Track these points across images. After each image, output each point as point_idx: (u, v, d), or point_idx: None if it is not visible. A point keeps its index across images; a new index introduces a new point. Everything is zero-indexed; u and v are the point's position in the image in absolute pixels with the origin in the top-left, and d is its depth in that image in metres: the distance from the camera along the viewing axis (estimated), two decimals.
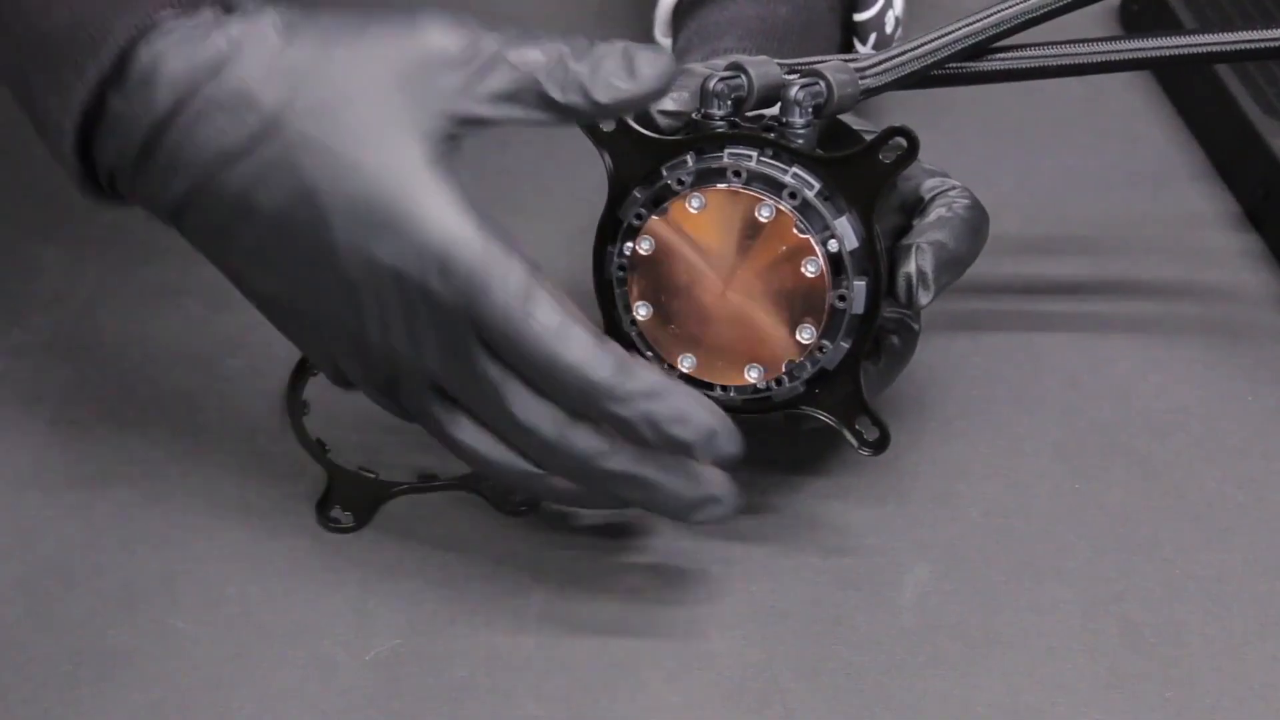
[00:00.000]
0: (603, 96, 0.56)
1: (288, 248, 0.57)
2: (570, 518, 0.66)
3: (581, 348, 0.56)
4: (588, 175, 0.63)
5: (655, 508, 0.59)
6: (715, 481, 0.59)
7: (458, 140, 0.56)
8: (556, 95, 0.56)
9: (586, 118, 0.58)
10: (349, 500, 0.66)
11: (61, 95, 0.56)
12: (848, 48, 0.80)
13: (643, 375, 0.56)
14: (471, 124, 0.56)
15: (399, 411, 0.61)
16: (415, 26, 0.56)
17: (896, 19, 0.81)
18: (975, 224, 0.65)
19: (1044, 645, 0.62)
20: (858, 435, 0.62)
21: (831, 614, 0.63)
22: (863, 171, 0.59)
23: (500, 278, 0.55)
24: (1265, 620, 0.63)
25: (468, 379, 0.57)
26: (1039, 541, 0.66)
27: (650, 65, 0.57)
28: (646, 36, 0.81)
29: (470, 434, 0.59)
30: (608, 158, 0.62)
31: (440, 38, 0.56)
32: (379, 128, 0.55)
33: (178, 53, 0.55)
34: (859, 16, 0.79)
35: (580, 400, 0.57)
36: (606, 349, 0.56)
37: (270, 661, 0.61)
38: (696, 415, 0.57)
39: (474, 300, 0.55)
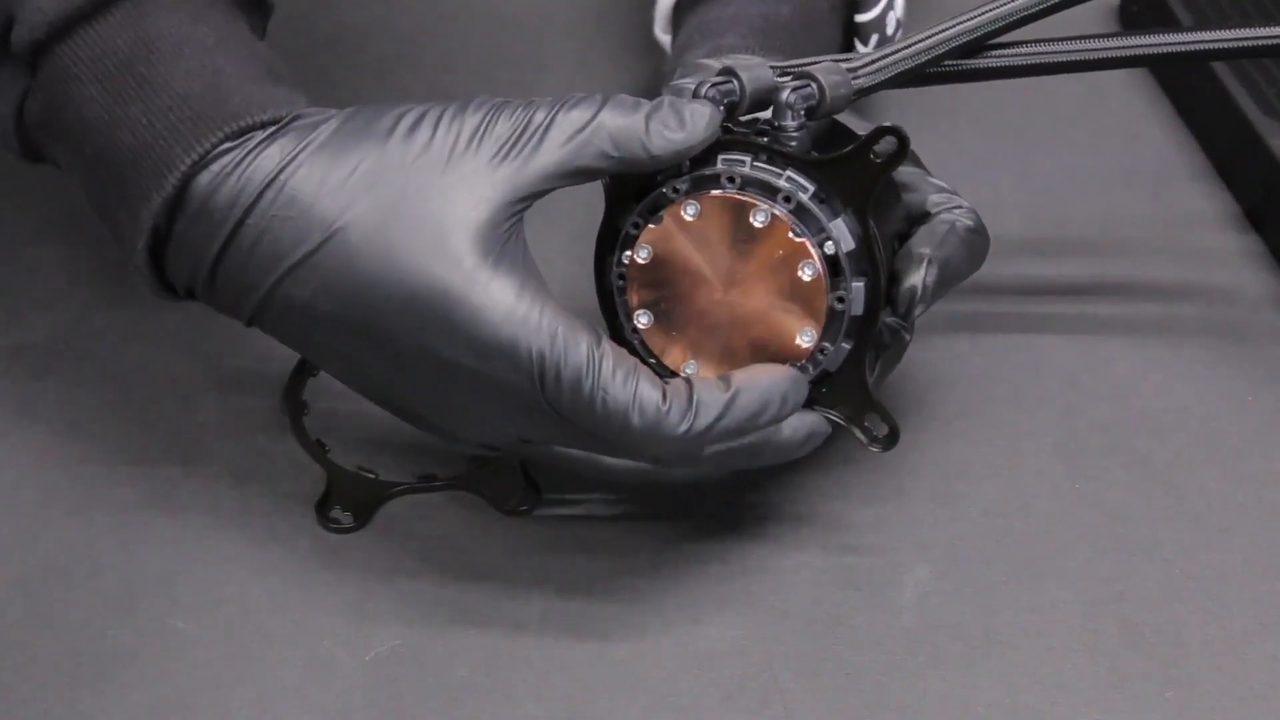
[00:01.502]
0: (657, 149, 0.58)
1: (357, 350, 0.59)
2: (569, 518, 0.66)
3: (646, 412, 0.57)
4: None
5: (766, 461, 0.62)
6: (806, 421, 0.61)
7: (520, 215, 0.58)
8: (612, 151, 0.58)
9: (642, 169, 0.59)
10: (349, 500, 0.66)
11: (131, 216, 0.59)
12: (849, 48, 0.80)
13: (708, 405, 0.58)
14: (533, 198, 0.58)
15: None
16: (464, 115, 0.58)
17: (898, 20, 0.81)
18: (975, 245, 0.65)
19: (1044, 645, 0.62)
20: (867, 432, 0.62)
21: (831, 614, 0.63)
22: (854, 171, 0.59)
23: (554, 360, 0.57)
24: (1265, 620, 0.63)
25: (558, 441, 0.60)
26: (1039, 541, 0.66)
27: (699, 117, 0.59)
28: (646, 34, 0.81)
29: (593, 460, 0.62)
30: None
31: (489, 122, 0.58)
32: (432, 226, 0.57)
33: (234, 176, 0.58)
34: (860, 18, 0.79)
35: (665, 458, 0.60)
36: (671, 399, 0.58)
37: (270, 661, 0.61)
38: (768, 404, 0.59)
39: (542, 386, 0.57)
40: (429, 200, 0.57)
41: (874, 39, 0.80)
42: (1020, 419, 0.71)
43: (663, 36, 0.81)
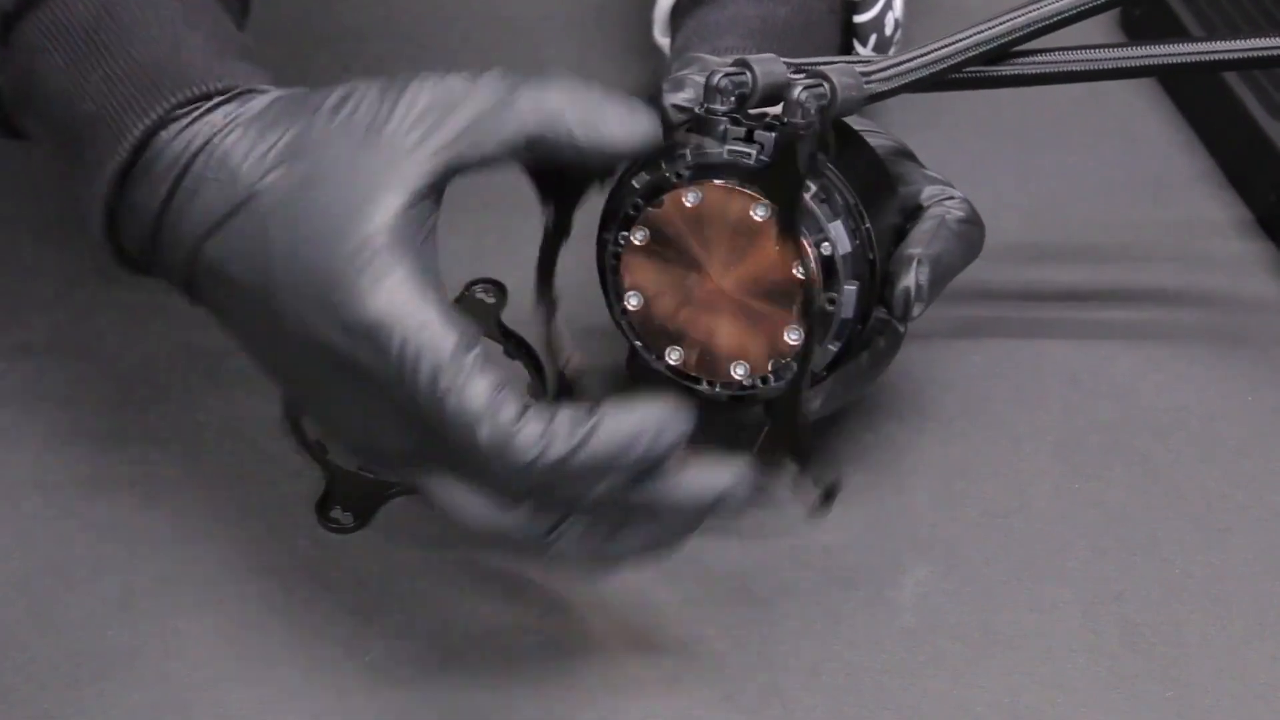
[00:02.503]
0: (584, 143, 0.57)
1: (254, 322, 0.58)
2: None
3: (498, 427, 0.53)
4: None
5: (669, 532, 0.57)
6: (718, 479, 0.56)
7: (434, 198, 0.56)
8: (534, 132, 0.56)
9: (565, 162, 0.57)
10: (349, 500, 0.65)
11: (89, 183, 0.59)
12: (847, 49, 0.80)
13: (565, 432, 0.53)
14: (450, 172, 0.56)
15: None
16: (391, 90, 0.57)
17: (896, 21, 0.81)
18: (969, 236, 0.65)
19: (1044, 645, 0.62)
20: (802, 485, 0.61)
21: (831, 614, 0.63)
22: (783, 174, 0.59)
23: (422, 355, 0.53)
24: (1265, 620, 0.63)
25: (423, 451, 0.56)
26: (1039, 541, 0.66)
27: (639, 121, 0.58)
28: (646, 34, 0.81)
29: (460, 499, 0.56)
30: None
31: (413, 96, 0.57)
32: (342, 195, 0.55)
33: (179, 140, 0.58)
34: (859, 18, 0.79)
35: (510, 485, 0.54)
36: (525, 421, 0.53)
37: (270, 661, 0.61)
38: (638, 436, 0.53)
39: (402, 376, 0.54)
40: (341, 174, 0.56)
41: (872, 39, 0.80)
42: (1020, 419, 0.71)
43: (662, 40, 0.81)
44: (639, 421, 0.53)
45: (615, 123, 0.57)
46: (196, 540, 0.66)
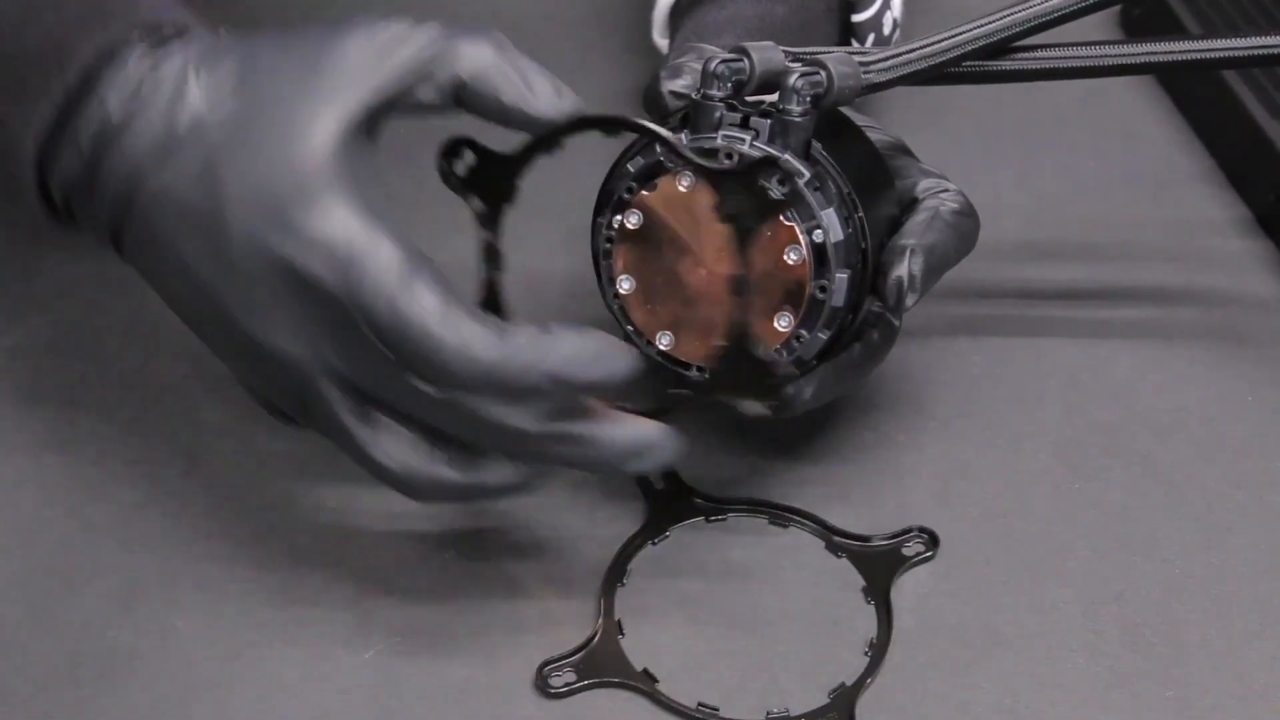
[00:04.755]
0: (510, 101, 0.59)
1: (195, 243, 0.58)
2: (568, 518, 0.66)
3: (458, 328, 0.55)
4: (589, 174, 0.63)
5: (593, 465, 0.59)
6: (648, 428, 0.59)
7: (372, 128, 0.58)
8: (466, 81, 0.59)
9: (488, 117, 0.59)
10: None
11: (25, 110, 0.59)
12: None
13: (528, 337, 0.56)
14: (386, 108, 0.58)
15: (321, 431, 0.61)
16: (338, 29, 0.59)
17: (894, 20, 0.81)
18: (963, 228, 0.65)
19: (1044, 645, 0.62)
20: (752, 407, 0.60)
21: (831, 614, 0.63)
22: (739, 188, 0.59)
23: (376, 260, 0.56)
24: (1265, 620, 0.63)
25: (365, 372, 0.58)
26: (1039, 541, 0.66)
27: (552, 98, 0.59)
28: (646, 34, 0.81)
29: (388, 446, 0.59)
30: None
31: (355, 32, 0.59)
32: (289, 121, 0.57)
33: (130, 71, 0.58)
34: (857, 17, 0.79)
35: (470, 382, 0.56)
36: (488, 326, 0.56)
37: (270, 660, 0.61)
38: (585, 354, 0.57)
39: (353, 286, 0.56)
40: (284, 100, 0.57)
41: (870, 38, 0.80)
42: (1020, 419, 0.71)
43: (661, 41, 0.81)
44: (586, 342, 0.57)
45: (540, 88, 0.59)
46: (196, 540, 0.66)
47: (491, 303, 0.60)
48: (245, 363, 0.61)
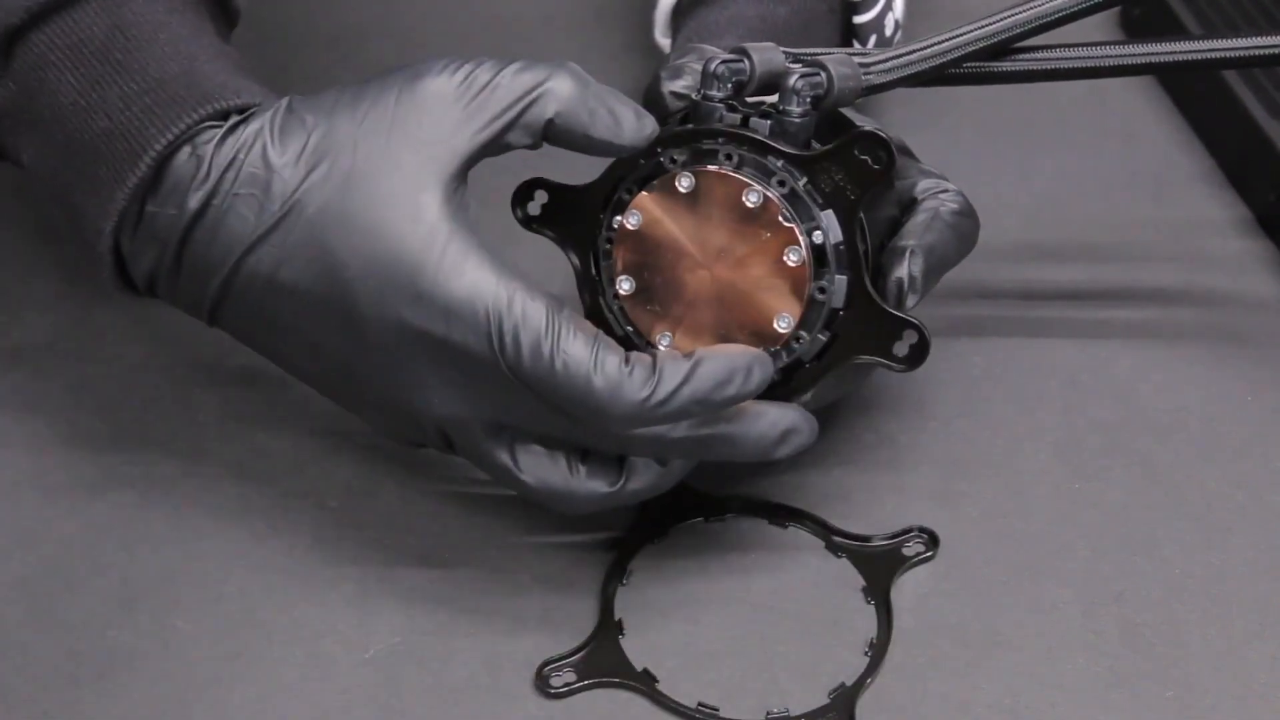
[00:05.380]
0: (599, 135, 0.59)
1: (320, 323, 0.59)
2: (568, 519, 0.66)
3: (609, 374, 0.57)
4: (588, 173, 0.63)
5: (743, 456, 0.60)
6: (786, 417, 0.60)
7: (464, 178, 0.58)
8: (554, 125, 0.59)
9: (574, 148, 0.60)
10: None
11: (100, 201, 0.59)
12: None
13: (671, 370, 0.58)
14: (475, 160, 0.59)
15: (469, 460, 0.62)
16: (416, 81, 0.58)
17: (896, 22, 0.81)
18: (962, 228, 0.65)
19: (1044, 645, 0.62)
20: (893, 358, 0.60)
21: (831, 614, 0.63)
22: (838, 170, 0.59)
23: (516, 317, 0.57)
24: (1265, 620, 0.63)
25: (516, 416, 0.59)
26: (1039, 541, 0.66)
27: (644, 122, 0.59)
28: (646, 34, 0.81)
29: (540, 471, 0.60)
30: None
31: (436, 82, 0.58)
32: (391, 188, 0.57)
33: (203, 158, 0.58)
34: (859, 19, 0.79)
35: (624, 422, 0.58)
36: (634, 364, 0.57)
37: (270, 660, 0.61)
38: (733, 374, 0.58)
39: (499, 346, 0.57)
40: (379, 165, 0.57)
41: (872, 40, 0.80)
42: (1020, 419, 0.71)
43: (662, 40, 0.81)
44: (732, 362, 0.58)
45: (624, 117, 0.59)
46: (196, 540, 0.66)
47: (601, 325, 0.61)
48: (384, 417, 0.62)
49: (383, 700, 0.60)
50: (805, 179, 0.60)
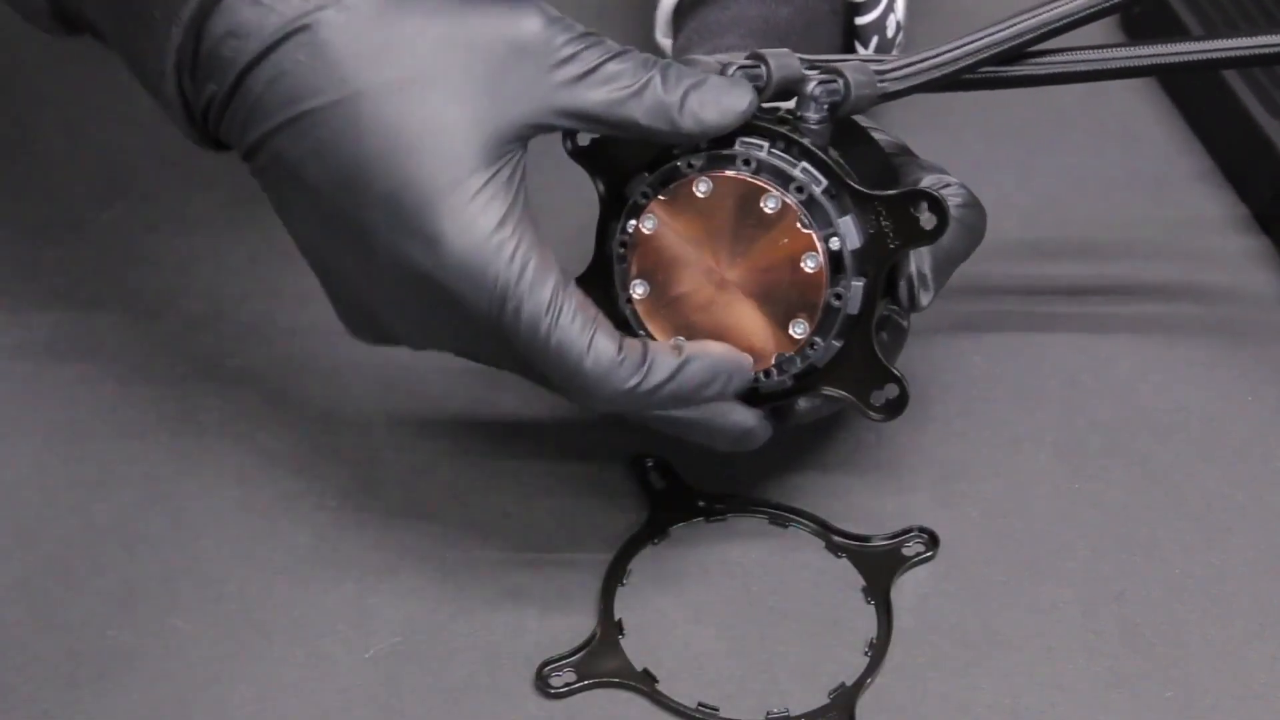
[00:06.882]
0: (688, 126, 0.58)
1: (329, 229, 0.58)
2: (569, 519, 0.66)
3: (600, 360, 0.57)
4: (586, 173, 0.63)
5: (701, 441, 0.62)
6: (751, 417, 0.61)
7: (526, 140, 0.57)
8: (641, 119, 0.58)
9: (665, 141, 0.59)
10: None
11: (156, 39, 0.56)
12: (849, 51, 0.80)
13: (660, 366, 0.58)
14: (547, 128, 0.57)
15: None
16: (517, 13, 0.56)
17: (898, 23, 0.81)
18: (968, 220, 0.65)
19: (1044, 645, 0.62)
20: (870, 405, 0.61)
21: (831, 614, 0.63)
22: (885, 220, 0.60)
23: (514, 282, 0.56)
24: (1265, 620, 0.63)
25: (508, 362, 0.59)
26: (1039, 541, 0.66)
27: (738, 100, 0.58)
28: (647, 36, 0.81)
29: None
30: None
31: (539, 29, 0.56)
32: (442, 119, 0.55)
33: (271, 5, 0.55)
34: (861, 20, 0.79)
35: (607, 404, 0.58)
36: (625, 354, 0.58)
37: (270, 659, 0.61)
38: (716, 377, 0.59)
39: (501, 314, 0.56)
40: (456, 88, 0.55)
41: (874, 41, 0.80)
42: (1020, 419, 0.71)
43: (663, 40, 0.81)
44: (718, 362, 0.60)
45: (712, 107, 0.58)
46: (196, 540, 0.66)
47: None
48: (363, 319, 0.61)
49: (383, 700, 0.60)
50: (825, 184, 0.60)
